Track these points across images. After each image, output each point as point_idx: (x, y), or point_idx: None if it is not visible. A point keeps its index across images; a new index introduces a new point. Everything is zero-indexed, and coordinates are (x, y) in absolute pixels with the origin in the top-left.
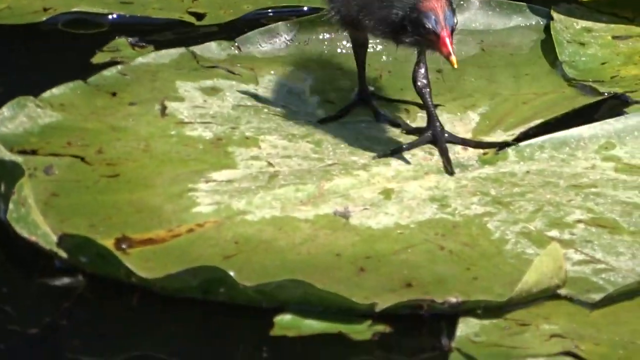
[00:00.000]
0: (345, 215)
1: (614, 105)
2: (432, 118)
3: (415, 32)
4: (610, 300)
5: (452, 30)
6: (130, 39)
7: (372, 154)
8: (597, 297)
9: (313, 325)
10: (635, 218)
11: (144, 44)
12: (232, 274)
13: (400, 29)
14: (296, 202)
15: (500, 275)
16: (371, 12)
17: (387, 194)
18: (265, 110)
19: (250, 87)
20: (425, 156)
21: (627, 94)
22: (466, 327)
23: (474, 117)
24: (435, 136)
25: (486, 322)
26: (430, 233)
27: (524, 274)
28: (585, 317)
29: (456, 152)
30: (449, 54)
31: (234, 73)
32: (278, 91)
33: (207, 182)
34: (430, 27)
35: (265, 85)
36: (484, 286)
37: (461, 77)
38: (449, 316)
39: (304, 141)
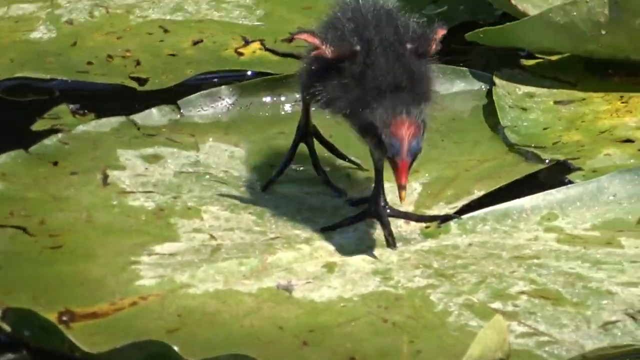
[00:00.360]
0: (288, 288)
1: (557, 172)
2: (377, 191)
3: (379, 147)
4: None
5: (414, 158)
6: (71, 106)
7: (315, 227)
8: None
9: None
10: (578, 289)
11: (84, 111)
12: (176, 349)
13: (369, 135)
14: (239, 275)
15: (443, 347)
16: (353, 113)
17: (330, 267)
18: (207, 177)
19: (192, 154)
20: (367, 230)
21: (570, 161)
22: None
23: (416, 186)
24: (378, 211)
25: None
26: (373, 306)
27: (468, 346)
28: None
29: (398, 226)
30: (401, 187)
31: (174, 140)
32: (219, 156)
33: (150, 254)
34: (392, 154)
35: (206, 151)
36: (427, 359)
37: None
38: None
39: (247, 212)
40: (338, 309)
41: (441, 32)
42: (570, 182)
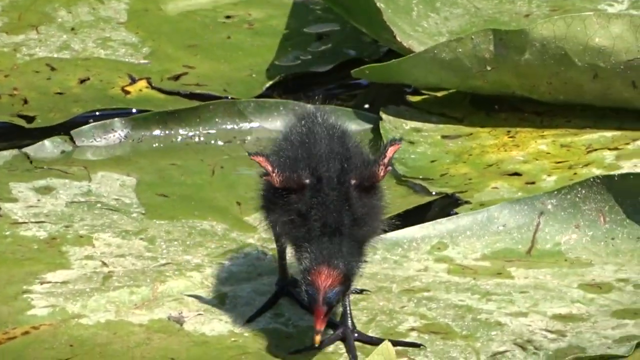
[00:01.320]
0: (180, 320)
1: (445, 205)
2: (346, 316)
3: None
4: None
5: (330, 307)
6: None
7: (205, 252)
8: None
9: None
10: (467, 321)
11: None
12: None
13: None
14: (130, 305)
15: None
16: (295, 250)
17: (220, 298)
18: (99, 205)
19: (84, 184)
20: (259, 256)
21: (457, 194)
22: None
23: None
24: (345, 334)
25: None
26: (264, 342)
27: None
28: None
29: (290, 252)
30: (316, 332)
31: (66, 172)
32: (111, 185)
33: (42, 283)
34: (308, 300)
35: (98, 181)
36: None
37: None
38: None
39: (138, 238)
40: (229, 344)
41: (394, 149)
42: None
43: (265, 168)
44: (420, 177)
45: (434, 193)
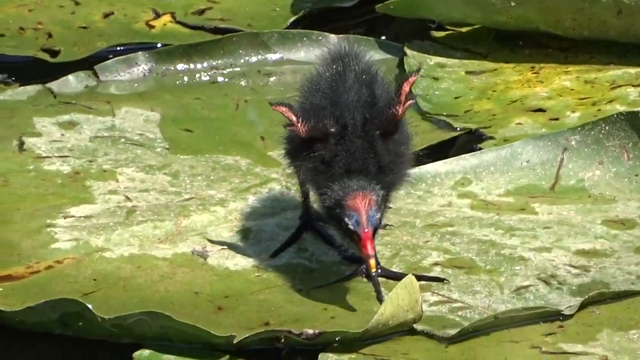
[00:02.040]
0: (203, 255)
1: (469, 140)
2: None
3: (338, 227)
4: (467, 336)
5: (376, 230)
6: None
7: (229, 186)
8: (452, 332)
9: None
10: (491, 256)
11: (10, 80)
12: (90, 306)
13: (329, 217)
14: (154, 239)
15: (357, 314)
16: (319, 194)
17: (244, 233)
18: (122, 140)
19: (107, 119)
20: (282, 191)
21: (481, 130)
22: None
23: None
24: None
25: (345, 357)
26: (288, 277)
27: None
28: (443, 352)
29: None
30: (368, 257)
31: (90, 107)
32: (134, 121)
33: (65, 217)
34: (351, 227)
35: (122, 116)
36: (342, 323)
37: None
38: (308, 352)
39: (161, 173)
40: (252, 278)
41: (409, 83)
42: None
43: (289, 118)
44: (444, 113)
45: (458, 129)
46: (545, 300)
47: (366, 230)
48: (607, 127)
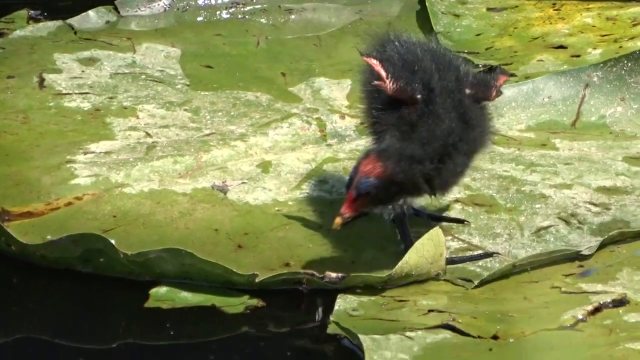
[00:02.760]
0: (223, 189)
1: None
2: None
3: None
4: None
5: (360, 195)
6: (31, 12)
7: (250, 122)
8: (474, 282)
9: (188, 298)
10: (511, 193)
11: (41, 17)
12: (112, 241)
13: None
14: (174, 174)
15: (380, 258)
16: None
17: (265, 167)
18: (143, 77)
19: (128, 56)
20: (303, 125)
21: (502, 67)
22: (344, 302)
23: (350, 82)
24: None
25: (364, 298)
26: (309, 211)
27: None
28: (463, 294)
29: (334, 122)
30: (339, 214)
31: (111, 44)
32: (155, 57)
33: (85, 153)
34: (347, 182)
35: (142, 52)
36: (363, 268)
37: (339, 44)
38: (327, 292)
39: (182, 109)
40: (273, 213)
41: (503, 79)
42: None
43: (379, 73)
44: (466, 50)
45: (479, 66)
46: (565, 241)
47: (351, 191)
48: (630, 64)
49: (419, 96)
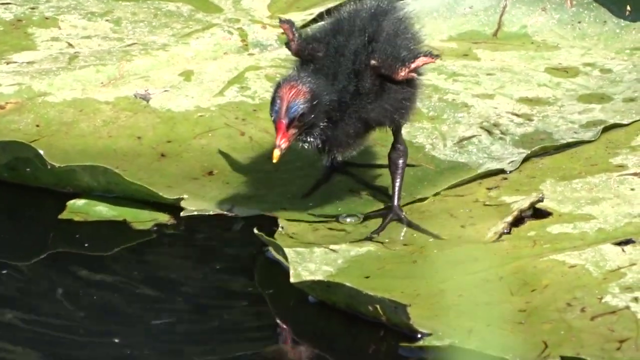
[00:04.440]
0: (146, 97)
1: None
2: (394, 196)
3: None
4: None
5: (292, 121)
6: None
7: (171, 32)
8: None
9: (102, 212)
10: (434, 102)
11: None
12: (41, 152)
13: None
14: (97, 83)
15: (300, 168)
16: None
17: (187, 75)
18: None
19: None
20: (224, 35)
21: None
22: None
23: None
24: (396, 213)
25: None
26: (231, 117)
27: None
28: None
29: (255, 32)
30: (276, 145)
31: None
32: None
33: (7, 63)
34: (270, 113)
35: None
36: (285, 179)
37: None
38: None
39: (103, 20)
40: (195, 119)
41: (423, 61)
42: None
43: (287, 35)
44: None
45: None
46: (487, 152)
47: (281, 119)
48: None
49: (319, 53)
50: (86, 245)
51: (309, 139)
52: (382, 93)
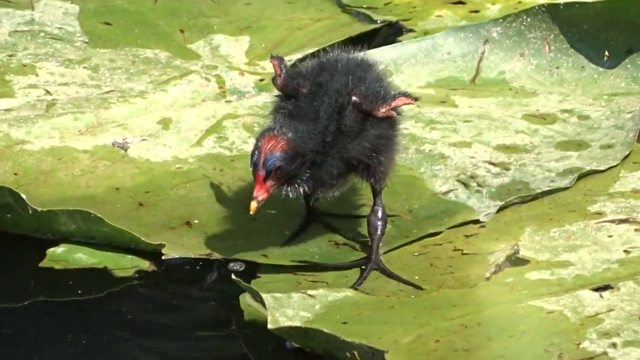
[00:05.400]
0: (124, 146)
1: (389, 34)
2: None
3: None
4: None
5: (269, 173)
6: None
7: (149, 79)
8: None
9: (82, 260)
10: (411, 153)
11: None
12: (24, 196)
13: None
14: (75, 131)
15: (275, 217)
16: None
17: (165, 123)
18: (42, 34)
19: (27, 13)
20: (202, 82)
21: (401, 22)
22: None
23: (248, 39)
24: (376, 263)
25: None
26: (209, 168)
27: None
28: None
29: (232, 78)
30: (253, 198)
31: (9, 1)
32: (54, 14)
33: None
34: (250, 166)
35: (41, 9)
36: (261, 228)
37: (236, 1)
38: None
39: (81, 67)
40: (173, 170)
41: (402, 101)
42: None
43: (275, 70)
44: (364, 5)
45: (377, 21)
46: (464, 204)
47: (259, 171)
48: (529, 19)
49: (304, 90)
50: (67, 292)
51: (290, 189)
52: (362, 131)
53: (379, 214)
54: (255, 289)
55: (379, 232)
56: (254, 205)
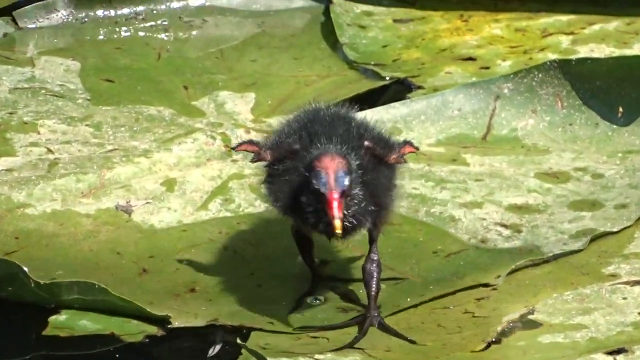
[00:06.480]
0: (127, 210)
1: (398, 91)
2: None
3: (308, 192)
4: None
5: (343, 192)
6: None
7: (153, 137)
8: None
9: (87, 327)
10: (421, 216)
11: None
12: (26, 269)
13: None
14: (77, 193)
15: (283, 277)
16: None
17: (169, 185)
18: (43, 91)
19: (27, 70)
20: (207, 140)
21: (410, 79)
22: (255, 335)
23: (254, 96)
24: (375, 319)
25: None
26: (215, 232)
27: (307, 280)
28: None
29: (238, 136)
30: (333, 217)
31: (9, 58)
32: (55, 71)
33: None
34: (318, 186)
35: (41, 66)
36: (269, 295)
37: (241, 57)
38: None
39: (83, 124)
40: (178, 235)
41: (409, 149)
42: None
43: (252, 150)
44: (372, 62)
45: (386, 78)
46: (475, 265)
47: (332, 191)
48: (540, 75)
49: (296, 146)
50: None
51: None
52: (369, 173)
53: (374, 260)
54: (262, 354)
55: (375, 280)
56: (337, 224)
